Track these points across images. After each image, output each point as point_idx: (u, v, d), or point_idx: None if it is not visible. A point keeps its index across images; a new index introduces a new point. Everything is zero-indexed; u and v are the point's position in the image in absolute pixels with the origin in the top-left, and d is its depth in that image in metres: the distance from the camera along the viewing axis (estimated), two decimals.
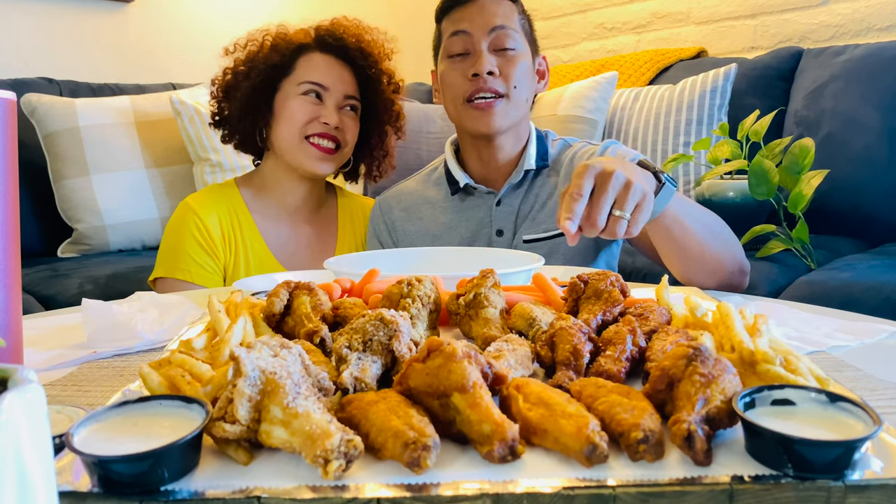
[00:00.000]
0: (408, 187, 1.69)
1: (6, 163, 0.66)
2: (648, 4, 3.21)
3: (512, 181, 1.53)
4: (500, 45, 1.46)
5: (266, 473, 0.49)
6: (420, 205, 1.63)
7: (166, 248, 1.58)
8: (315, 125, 1.57)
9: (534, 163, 1.53)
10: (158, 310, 0.99)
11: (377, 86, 1.66)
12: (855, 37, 2.60)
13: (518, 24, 1.50)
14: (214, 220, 1.58)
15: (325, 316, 0.78)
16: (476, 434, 0.50)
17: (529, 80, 1.51)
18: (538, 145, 1.57)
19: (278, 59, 1.59)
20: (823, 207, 2.01)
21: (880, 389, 0.66)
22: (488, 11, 1.47)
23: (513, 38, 1.47)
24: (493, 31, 1.46)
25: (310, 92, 1.58)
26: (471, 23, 1.47)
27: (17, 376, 0.36)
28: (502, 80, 1.46)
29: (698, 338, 0.64)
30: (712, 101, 2.31)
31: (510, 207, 1.54)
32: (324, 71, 1.59)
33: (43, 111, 2.36)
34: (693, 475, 0.47)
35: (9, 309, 0.67)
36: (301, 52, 1.61)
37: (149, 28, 3.09)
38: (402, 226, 1.62)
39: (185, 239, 1.55)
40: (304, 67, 1.59)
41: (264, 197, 1.67)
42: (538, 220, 1.51)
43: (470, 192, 1.57)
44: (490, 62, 1.44)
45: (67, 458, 0.50)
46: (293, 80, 1.59)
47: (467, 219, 1.56)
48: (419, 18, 3.88)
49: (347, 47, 1.61)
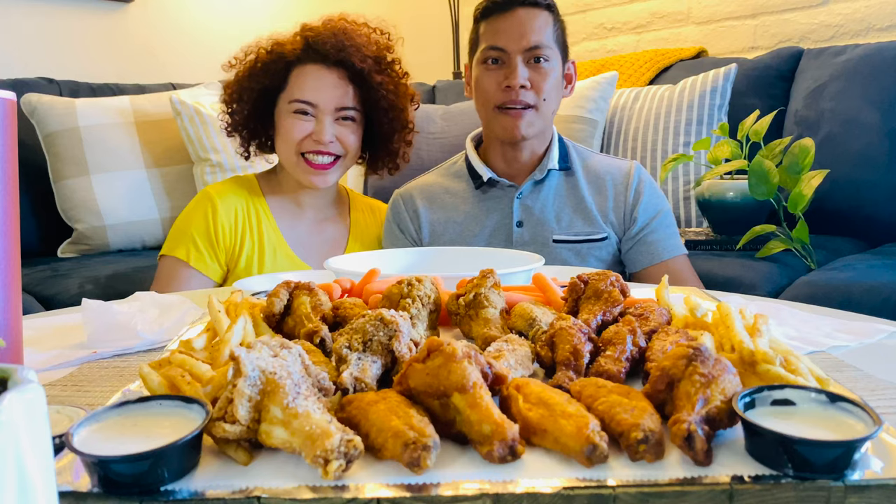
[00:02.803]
0: (427, 180, 1.73)
1: (6, 163, 0.66)
2: (648, 4, 3.21)
3: (535, 177, 1.61)
4: (539, 58, 1.53)
5: (266, 473, 0.49)
6: (442, 195, 1.68)
7: (175, 228, 1.63)
8: (308, 142, 1.58)
9: (556, 163, 1.62)
10: (158, 310, 0.99)
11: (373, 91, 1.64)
12: (855, 37, 2.60)
13: (552, 36, 1.55)
14: (230, 208, 1.61)
15: (325, 316, 0.78)
16: (476, 434, 0.50)
17: (558, 90, 1.60)
18: (560, 147, 1.65)
19: (270, 81, 1.60)
20: (823, 207, 2.01)
21: (880, 389, 0.66)
22: (526, 27, 1.53)
23: (546, 53, 1.53)
24: (531, 49, 1.52)
25: (300, 111, 1.58)
26: (507, 37, 1.53)
27: (17, 376, 0.36)
28: (533, 93, 1.53)
29: (698, 338, 0.64)
30: (712, 101, 2.31)
31: (531, 201, 1.61)
32: (313, 86, 1.58)
33: (43, 111, 2.36)
34: (693, 475, 0.47)
35: (9, 309, 0.67)
36: (292, 67, 1.61)
37: (149, 28, 3.09)
38: (426, 215, 1.67)
39: (193, 222, 1.59)
40: (295, 83, 1.59)
41: (281, 193, 1.70)
42: (565, 222, 1.59)
43: (493, 184, 1.64)
44: (523, 76, 1.51)
45: (67, 458, 0.50)
46: (286, 96, 1.61)
47: (489, 209, 1.63)
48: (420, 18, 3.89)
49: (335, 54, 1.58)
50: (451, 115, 2.60)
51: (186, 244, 1.58)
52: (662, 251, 1.57)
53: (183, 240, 1.59)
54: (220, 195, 1.61)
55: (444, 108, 2.66)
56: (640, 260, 1.58)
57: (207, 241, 1.58)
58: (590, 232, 1.58)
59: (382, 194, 2.34)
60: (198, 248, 1.58)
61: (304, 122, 1.58)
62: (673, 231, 1.61)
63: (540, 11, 1.54)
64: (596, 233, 1.58)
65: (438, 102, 3.08)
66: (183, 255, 1.57)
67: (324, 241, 1.71)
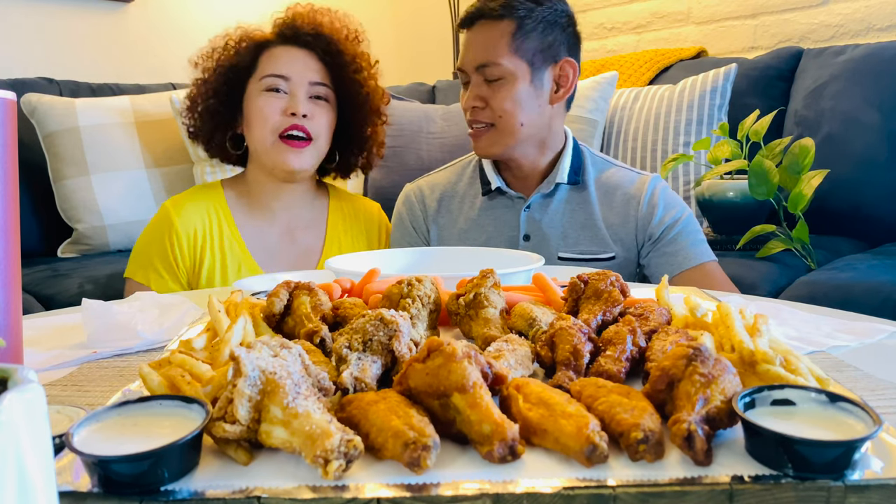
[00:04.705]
0: (440, 178, 1.69)
1: (6, 163, 0.66)
2: (648, 4, 3.21)
3: (542, 191, 1.56)
4: (488, 77, 1.48)
5: (266, 473, 0.49)
6: (450, 198, 1.65)
7: (136, 249, 1.59)
8: (284, 120, 1.53)
9: (566, 177, 1.55)
10: (158, 310, 0.99)
11: (344, 69, 1.60)
12: (855, 37, 2.60)
13: (512, 47, 1.46)
14: (189, 225, 1.55)
15: (325, 316, 0.78)
16: (476, 434, 0.50)
17: (523, 102, 1.49)
18: (573, 159, 1.57)
19: (239, 60, 1.57)
20: (823, 207, 2.01)
21: (880, 389, 0.66)
22: (477, 45, 1.49)
23: (500, 69, 1.46)
24: (479, 67, 1.48)
25: (272, 87, 1.54)
26: (464, 58, 1.52)
27: (17, 376, 0.36)
28: (489, 111, 1.49)
29: (698, 338, 0.64)
30: (712, 101, 2.31)
31: (539, 214, 1.56)
32: (285, 61, 1.55)
33: (43, 111, 2.36)
34: (693, 475, 0.47)
35: (9, 309, 0.67)
36: (262, 49, 1.58)
37: (149, 28, 3.09)
38: (434, 217, 1.65)
39: (152, 246, 1.55)
40: (266, 62, 1.56)
41: (249, 201, 1.64)
42: (572, 239, 1.54)
43: (501, 193, 1.59)
44: (475, 97, 1.49)
45: (67, 458, 0.50)
46: (256, 77, 1.56)
47: (495, 219, 1.59)
48: (419, 18, 3.89)
49: (305, 34, 1.57)
50: (451, 115, 2.60)
51: (146, 268, 1.54)
52: (684, 260, 1.49)
53: (143, 263, 1.55)
54: (178, 212, 1.55)
55: (444, 108, 2.66)
56: (664, 271, 1.50)
57: (166, 266, 1.54)
58: (596, 251, 1.53)
59: (382, 194, 2.34)
60: (158, 272, 1.53)
61: (276, 99, 1.54)
62: (696, 238, 1.53)
63: (497, 24, 1.47)
64: (602, 252, 1.53)
65: (438, 102, 3.08)
66: (143, 279, 1.54)
67: (296, 252, 1.63)
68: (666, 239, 1.51)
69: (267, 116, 1.53)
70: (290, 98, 1.54)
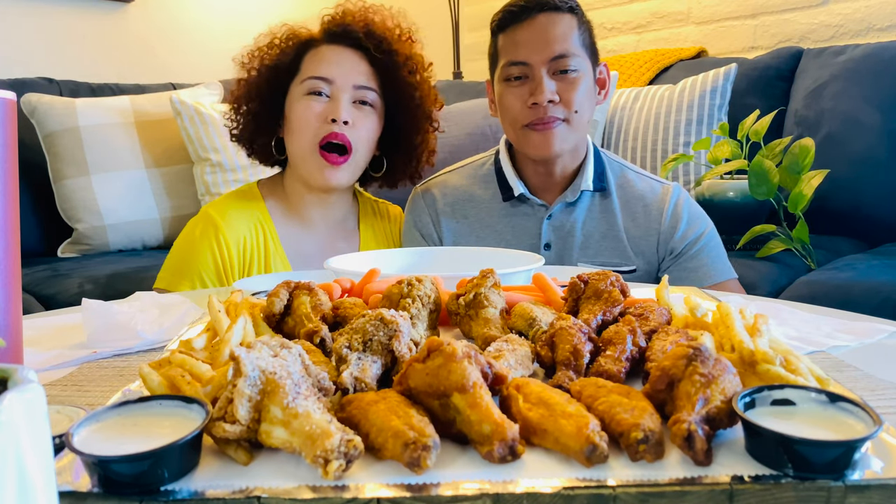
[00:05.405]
0: (451, 181, 1.60)
1: (6, 163, 0.66)
2: (648, 4, 3.21)
3: (566, 199, 1.49)
4: (561, 68, 1.40)
5: (266, 473, 0.49)
6: (465, 202, 1.56)
7: (178, 260, 1.46)
8: (323, 127, 1.43)
9: (591, 184, 1.49)
10: (158, 310, 0.99)
11: (396, 71, 1.49)
12: (855, 37, 2.60)
13: (578, 41, 1.41)
14: (238, 238, 1.46)
15: (325, 316, 0.78)
16: (476, 434, 0.50)
17: (591, 98, 1.45)
18: (596, 164, 1.51)
19: (283, 60, 1.48)
20: (823, 207, 2.02)
21: (880, 389, 0.66)
22: (548, 36, 1.39)
23: (573, 62, 1.39)
24: (554, 59, 1.39)
25: (314, 90, 1.44)
26: (528, 50, 1.40)
27: (17, 376, 0.36)
28: (563, 106, 1.40)
29: (698, 338, 0.64)
30: (712, 101, 2.31)
31: (560, 222, 1.50)
32: (329, 62, 1.45)
33: (43, 111, 2.36)
34: (693, 475, 0.47)
35: (9, 309, 0.67)
36: (307, 49, 1.49)
37: (149, 28, 3.09)
38: (449, 223, 1.56)
39: (201, 255, 1.44)
40: (309, 63, 1.47)
41: (287, 208, 1.56)
42: (592, 249, 1.48)
43: (523, 199, 1.52)
44: (550, 90, 1.38)
45: (67, 458, 0.50)
46: (298, 79, 1.47)
47: (514, 226, 1.52)
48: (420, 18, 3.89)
49: (355, 32, 1.47)
50: (451, 115, 2.60)
51: (192, 280, 1.43)
52: (705, 277, 1.44)
53: (186, 277, 1.43)
54: (226, 223, 1.45)
55: (444, 109, 2.66)
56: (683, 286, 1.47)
57: (217, 274, 1.44)
58: (618, 263, 1.46)
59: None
60: (204, 281, 1.43)
61: (317, 104, 1.44)
62: (718, 254, 1.48)
63: (562, 16, 1.40)
64: (623, 264, 1.46)
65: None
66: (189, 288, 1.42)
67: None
68: (688, 254, 1.46)
69: (306, 123, 1.44)
70: (331, 102, 1.45)
